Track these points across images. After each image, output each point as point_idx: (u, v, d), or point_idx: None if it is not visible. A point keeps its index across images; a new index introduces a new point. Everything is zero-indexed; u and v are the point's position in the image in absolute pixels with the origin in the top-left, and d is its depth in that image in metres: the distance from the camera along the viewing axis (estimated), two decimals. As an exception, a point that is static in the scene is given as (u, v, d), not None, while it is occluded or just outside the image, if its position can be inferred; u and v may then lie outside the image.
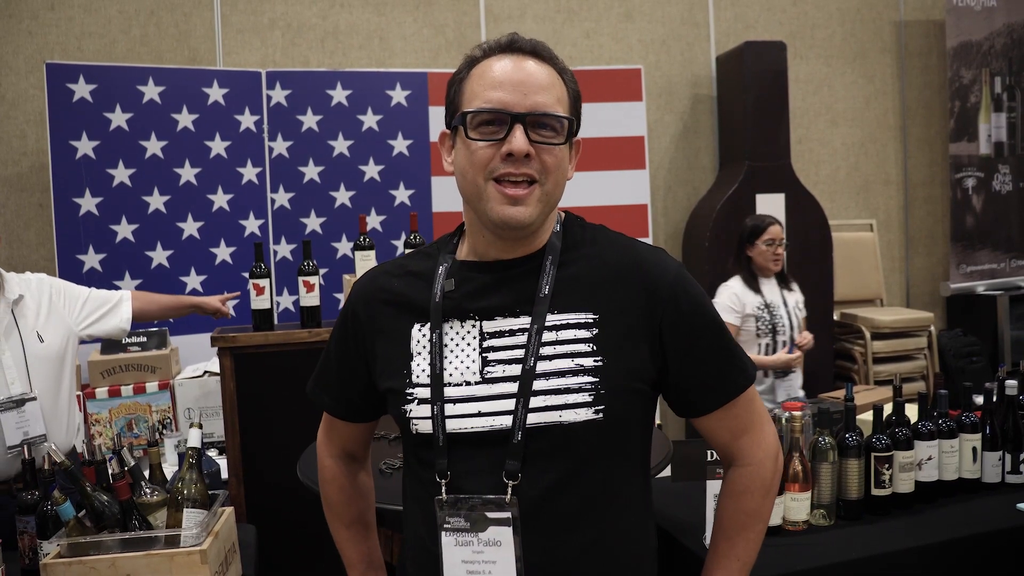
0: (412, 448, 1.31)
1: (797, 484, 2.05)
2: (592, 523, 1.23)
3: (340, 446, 1.49)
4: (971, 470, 2.27)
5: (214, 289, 4.20)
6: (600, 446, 1.23)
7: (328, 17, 4.66)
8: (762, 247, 3.69)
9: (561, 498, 1.22)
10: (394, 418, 1.32)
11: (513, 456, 1.20)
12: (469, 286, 1.28)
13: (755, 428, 1.35)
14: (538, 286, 1.25)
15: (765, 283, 3.73)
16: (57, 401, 2.47)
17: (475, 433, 1.22)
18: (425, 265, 1.34)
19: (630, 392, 1.24)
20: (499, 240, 1.26)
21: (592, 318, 1.24)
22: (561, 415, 1.20)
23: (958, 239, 5.45)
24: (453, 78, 1.29)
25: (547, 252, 1.27)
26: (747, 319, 3.64)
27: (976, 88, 5.45)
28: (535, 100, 1.20)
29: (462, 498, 1.22)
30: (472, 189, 1.23)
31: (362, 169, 4.44)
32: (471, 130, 1.21)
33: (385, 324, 1.32)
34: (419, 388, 1.26)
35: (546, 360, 1.22)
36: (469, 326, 1.26)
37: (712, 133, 5.25)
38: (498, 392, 1.22)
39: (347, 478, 1.50)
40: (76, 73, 3.95)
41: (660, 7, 5.12)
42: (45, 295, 2.53)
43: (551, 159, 1.21)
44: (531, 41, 1.25)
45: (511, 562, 1.20)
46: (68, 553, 1.67)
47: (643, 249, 1.31)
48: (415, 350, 1.28)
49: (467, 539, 1.22)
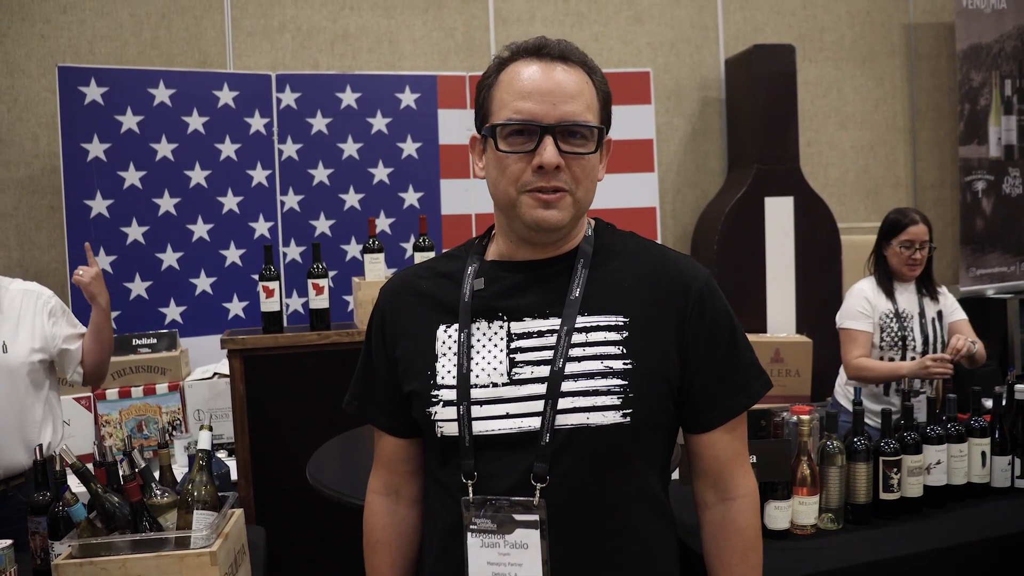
0: (437, 452, 1.29)
1: (805, 488, 2.04)
2: (616, 526, 1.23)
3: (386, 477, 1.42)
4: (980, 474, 2.27)
5: (224, 291, 4.23)
6: (626, 449, 1.23)
7: (338, 20, 4.67)
8: (897, 248, 3.18)
9: (587, 500, 1.22)
10: (419, 421, 1.31)
11: (541, 458, 1.20)
12: (499, 285, 1.28)
13: (745, 456, 1.34)
14: (568, 288, 1.25)
15: (901, 288, 3.23)
16: (8, 414, 2.38)
17: (502, 435, 1.22)
18: (454, 266, 1.34)
19: (657, 396, 1.24)
20: (530, 243, 1.27)
21: (623, 321, 1.24)
22: (589, 417, 1.20)
23: (968, 242, 5.43)
24: (482, 82, 1.28)
25: (579, 255, 1.28)
26: (874, 326, 3.18)
27: (986, 91, 5.43)
28: (564, 110, 1.20)
29: (489, 499, 1.21)
30: (504, 199, 1.23)
31: (371, 172, 4.45)
32: (501, 141, 1.21)
33: (409, 326, 1.32)
34: (444, 390, 1.25)
35: (575, 362, 1.22)
36: (497, 327, 1.26)
37: (721, 136, 5.24)
38: (526, 393, 1.22)
39: (390, 516, 1.41)
40: (88, 76, 3.97)
41: (669, 10, 5.12)
42: (29, 307, 2.47)
43: (581, 170, 1.22)
44: (560, 44, 1.24)
45: (537, 565, 1.20)
46: (80, 554, 1.68)
47: (673, 256, 1.32)
48: (440, 351, 1.28)
49: (493, 541, 1.22)
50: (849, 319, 3.21)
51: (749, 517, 1.32)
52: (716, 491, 1.32)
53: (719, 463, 1.31)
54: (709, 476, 1.32)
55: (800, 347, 4.42)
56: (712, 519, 1.33)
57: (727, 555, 1.32)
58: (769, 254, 4.77)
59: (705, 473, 1.32)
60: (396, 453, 1.40)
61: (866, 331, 3.17)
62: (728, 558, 1.32)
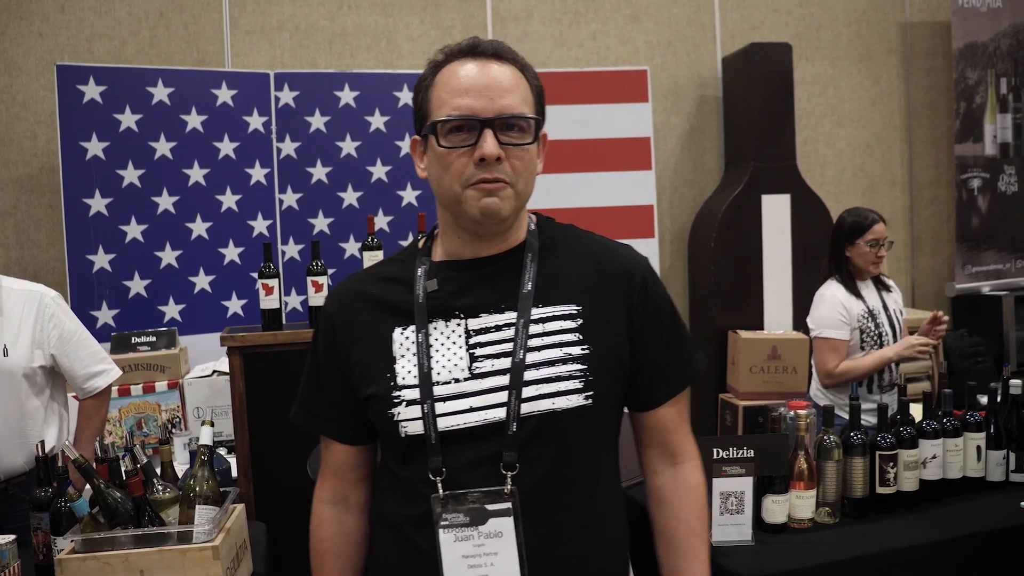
0: (400, 452, 1.29)
1: (802, 482, 2.06)
2: (581, 504, 1.28)
3: (334, 486, 1.43)
4: (975, 469, 2.29)
5: (222, 289, 4.24)
6: (588, 430, 1.29)
7: (336, 19, 4.68)
8: (864, 248, 3.23)
9: (554, 482, 1.26)
10: (377, 425, 1.31)
11: (509, 447, 1.23)
12: (452, 285, 1.31)
13: (688, 422, 1.42)
14: (520, 282, 1.29)
15: (863, 287, 3.29)
16: (8, 418, 2.38)
17: (468, 428, 1.24)
18: (400, 269, 1.36)
19: (613, 378, 1.30)
20: (476, 239, 1.31)
21: (576, 309, 1.29)
22: (554, 402, 1.24)
23: (964, 240, 5.46)
24: (419, 85, 1.32)
25: (526, 249, 1.32)
26: (852, 331, 3.21)
27: (982, 89, 5.45)
28: (502, 103, 1.24)
29: (459, 493, 1.24)
30: (449, 195, 1.27)
31: (370, 170, 4.46)
32: (442, 138, 1.25)
33: (362, 331, 1.33)
34: (407, 390, 1.27)
35: (535, 351, 1.26)
36: (454, 324, 1.29)
37: (718, 134, 5.26)
38: (489, 386, 1.25)
39: (338, 524, 1.43)
40: (86, 75, 3.97)
41: (666, 9, 5.13)
42: (32, 310, 2.45)
43: (520, 162, 1.26)
44: (492, 43, 1.28)
45: (513, 551, 1.23)
46: (82, 549, 1.69)
47: (612, 245, 1.39)
48: (398, 352, 1.29)
49: (467, 534, 1.24)
50: (829, 328, 3.20)
51: (699, 476, 1.40)
52: (666, 458, 1.39)
53: (668, 433, 1.39)
54: (659, 446, 1.39)
55: (797, 344, 4.44)
56: (664, 483, 1.39)
57: (684, 511, 1.37)
58: (766, 252, 4.79)
59: (654, 443, 1.40)
60: (346, 461, 1.41)
61: (846, 340, 3.19)
62: (685, 513, 1.37)
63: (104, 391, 2.63)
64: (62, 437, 2.52)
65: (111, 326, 3.99)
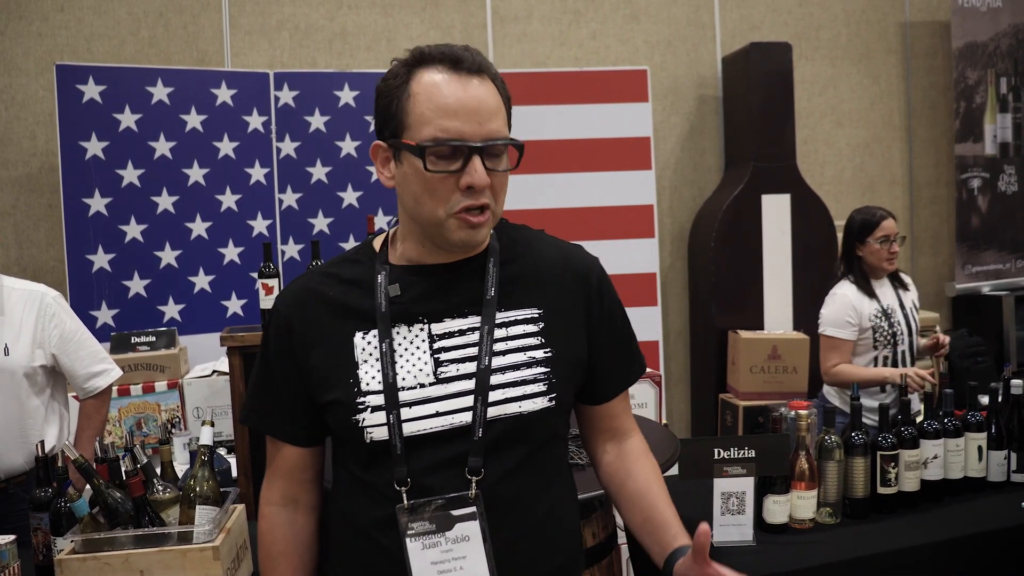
0: (363, 457, 1.28)
1: (803, 482, 2.06)
2: (543, 500, 1.31)
3: (283, 487, 1.39)
4: (976, 469, 2.28)
5: (222, 289, 4.23)
6: (550, 430, 1.31)
7: (335, 18, 4.68)
8: (875, 246, 3.20)
9: (517, 481, 1.27)
10: (338, 430, 1.30)
11: (475, 452, 1.24)
12: (415, 290, 1.29)
13: (630, 405, 1.48)
14: (484, 287, 1.30)
15: (878, 285, 3.25)
16: (8, 417, 2.38)
17: (433, 433, 1.24)
18: (358, 272, 1.33)
19: (574, 378, 1.33)
20: (442, 249, 1.29)
21: (537, 313, 1.31)
22: (520, 406, 1.26)
23: (963, 239, 5.45)
24: (388, 85, 1.25)
25: (489, 254, 1.32)
26: (864, 331, 3.18)
27: (981, 89, 5.45)
28: (489, 128, 1.21)
29: (423, 502, 1.23)
30: (430, 218, 1.23)
31: (370, 170, 4.46)
32: (430, 163, 1.20)
33: (321, 334, 1.30)
34: (371, 396, 1.25)
35: (500, 356, 1.27)
36: (418, 330, 1.28)
37: (718, 134, 5.25)
38: (454, 391, 1.26)
39: (289, 526, 1.39)
40: (86, 74, 3.97)
41: (666, 8, 5.13)
42: (33, 309, 2.45)
43: (499, 184, 1.25)
44: (472, 55, 1.23)
45: (480, 553, 1.24)
46: (82, 549, 1.69)
47: (566, 246, 1.40)
48: (360, 358, 1.28)
49: (434, 540, 1.24)
50: (833, 327, 3.20)
51: (644, 444, 1.45)
52: (614, 441, 1.44)
53: (616, 419, 1.44)
54: (607, 433, 1.44)
55: (797, 344, 4.44)
56: (613, 460, 1.43)
57: (641, 475, 1.39)
58: (766, 251, 4.78)
59: (603, 432, 1.44)
60: (296, 462, 1.38)
61: (849, 340, 3.19)
62: (644, 474, 1.39)
63: (105, 391, 2.63)
64: (62, 437, 2.52)
65: (111, 326, 3.99)
